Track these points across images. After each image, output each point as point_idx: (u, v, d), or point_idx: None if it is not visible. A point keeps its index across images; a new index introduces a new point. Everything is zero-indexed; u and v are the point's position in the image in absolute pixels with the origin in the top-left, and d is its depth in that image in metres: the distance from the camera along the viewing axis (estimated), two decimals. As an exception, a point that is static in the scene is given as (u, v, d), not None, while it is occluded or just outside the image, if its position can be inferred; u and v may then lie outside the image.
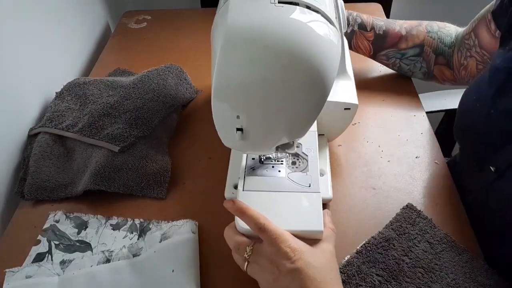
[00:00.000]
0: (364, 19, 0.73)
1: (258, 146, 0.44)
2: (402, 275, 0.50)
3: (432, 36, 0.71)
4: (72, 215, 0.61)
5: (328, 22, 0.40)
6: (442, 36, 0.71)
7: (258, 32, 0.36)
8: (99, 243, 0.58)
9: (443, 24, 0.72)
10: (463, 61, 0.68)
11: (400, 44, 0.72)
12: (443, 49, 0.70)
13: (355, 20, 0.72)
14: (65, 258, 0.56)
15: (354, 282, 0.50)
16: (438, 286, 0.49)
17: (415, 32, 0.71)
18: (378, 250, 0.53)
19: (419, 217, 0.56)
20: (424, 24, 0.72)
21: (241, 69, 0.37)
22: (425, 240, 0.53)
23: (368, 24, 0.72)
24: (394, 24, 0.73)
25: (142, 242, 0.56)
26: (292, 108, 0.40)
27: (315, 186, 0.51)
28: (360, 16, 0.74)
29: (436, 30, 0.71)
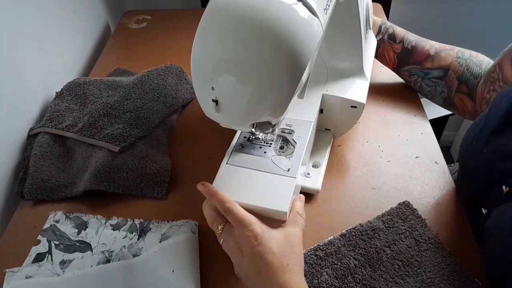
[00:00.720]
0: (396, 31, 0.72)
1: (233, 120, 0.46)
2: (379, 264, 0.51)
3: (460, 62, 0.68)
4: (72, 215, 0.61)
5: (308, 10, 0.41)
6: (471, 64, 0.67)
7: (235, 7, 0.39)
8: (99, 243, 0.58)
9: (476, 54, 0.69)
10: (486, 94, 0.64)
11: (426, 63, 0.70)
12: (468, 78, 0.67)
13: (387, 30, 0.72)
14: (65, 258, 0.56)
15: (330, 261, 0.52)
16: (412, 281, 0.50)
17: (443, 54, 0.69)
18: (362, 236, 0.54)
19: (412, 215, 0.57)
20: (456, 49, 0.69)
21: (215, 41, 0.40)
22: (412, 237, 0.54)
23: (398, 36, 0.71)
24: (425, 42, 0.71)
25: (142, 242, 0.56)
26: (262, 85, 0.41)
27: (293, 172, 0.52)
28: (393, 27, 0.73)
29: (467, 57, 0.68)
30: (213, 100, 0.43)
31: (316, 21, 0.42)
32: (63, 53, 0.88)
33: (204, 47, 0.41)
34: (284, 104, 0.44)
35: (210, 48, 0.40)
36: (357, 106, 0.62)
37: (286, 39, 0.39)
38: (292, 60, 0.40)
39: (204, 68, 0.42)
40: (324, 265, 0.51)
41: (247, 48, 0.39)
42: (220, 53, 0.40)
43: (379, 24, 0.74)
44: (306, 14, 0.41)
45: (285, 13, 0.39)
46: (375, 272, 0.50)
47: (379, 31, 0.72)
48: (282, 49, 0.39)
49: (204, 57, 0.41)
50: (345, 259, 0.52)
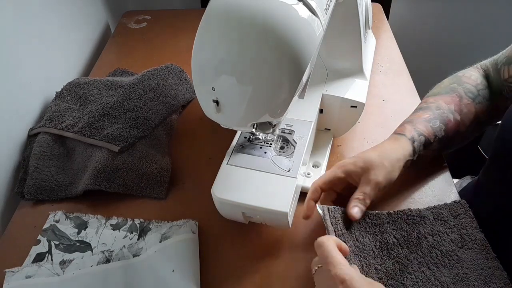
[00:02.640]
0: (426, 132, 0.58)
1: (233, 120, 0.46)
2: (417, 248, 0.51)
3: (479, 100, 0.62)
4: (72, 215, 0.61)
5: (308, 10, 0.41)
6: (483, 93, 0.62)
7: (236, 7, 0.39)
8: (99, 243, 0.58)
9: (471, 80, 0.63)
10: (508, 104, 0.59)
11: (460, 129, 0.61)
12: (491, 104, 0.62)
13: (420, 141, 0.57)
14: (65, 258, 0.56)
15: (372, 231, 0.52)
16: (446, 271, 0.49)
17: (465, 109, 0.60)
18: (408, 220, 0.54)
19: (465, 214, 0.55)
20: (462, 94, 0.61)
21: (216, 41, 0.40)
22: (459, 234, 0.53)
23: (431, 135, 0.58)
24: (445, 112, 0.59)
25: (142, 242, 0.56)
26: (263, 85, 0.41)
27: (294, 172, 0.53)
28: (421, 132, 0.57)
29: (476, 92, 0.61)
30: (214, 101, 0.43)
31: (316, 21, 0.42)
32: (63, 53, 0.88)
33: (205, 47, 0.41)
34: (285, 104, 0.44)
35: (210, 48, 0.40)
36: (357, 106, 0.62)
37: (286, 39, 0.39)
38: (293, 60, 0.40)
39: (204, 69, 0.42)
40: (367, 231, 0.52)
41: (248, 49, 0.39)
42: (221, 53, 0.40)
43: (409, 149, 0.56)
44: (307, 14, 0.41)
45: (286, 13, 0.39)
46: (411, 254, 0.50)
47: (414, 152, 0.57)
48: (282, 49, 0.39)
49: (205, 57, 0.41)
50: (386, 234, 0.52)
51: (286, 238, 0.57)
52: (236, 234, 0.58)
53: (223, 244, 0.57)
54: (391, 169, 0.53)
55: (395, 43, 0.94)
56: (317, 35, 0.42)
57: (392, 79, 0.83)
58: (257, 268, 0.54)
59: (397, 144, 0.55)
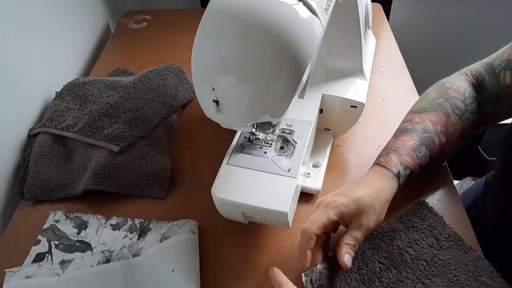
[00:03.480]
0: (411, 165, 0.55)
1: (233, 120, 0.46)
2: (404, 265, 0.50)
3: (466, 117, 0.59)
4: (72, 215, 0.61)
5: (308, 10, 0.41)
6: (471, 108, 0.60)
7: (236, 7, 0.39)
8: (99, 243, 0.58)
9: (459, 94, 0.60)
10: (506, 110, 0.59)
11: (445, 151, 0.59)
12: (479, 117, 0.60)
13: (405, 175, 0.55)
14: (65, 258, 0.56)
15: (356, 265, 0.51)
16: (439, 280, 0.49)
17: (451, 128, 0.58)
18: (384, 239, 0.53)
19: (429, 213, 0.56)
20: (449, 111, 0.59)
21: (216, 41, 0.40)
22: (433, 235, 0.53)
23: (416, 166, 0.56)
24: (431, 136, 0.57)
25: (142, 242, 0.56)
26: (263, 85, 0.41)
27: (294, 172, 0.52)
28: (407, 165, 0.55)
29: (464, 108, 0.59)
30: (214, 101, 0.43)
31: (316, 21, 0.42)
32: (63, 53, 0.88)
33: (205, 47, 0.41)
34: (285, 104, 0.44)
35: (210, 48, 0.40)
36: (357, 106, 0.62)
37: (286, 39, 0.39)
38: (293, 60, 0.40)
39: (204, 69, 0.42)
40: (351, 271, 0.50)
41: (248, 48, 0.39)
42: (221, 53, 0.40)
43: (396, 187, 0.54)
44: (307, 14, 0.41)
45: (286, 13, 0.39)
46: (401, 274, 0.50)
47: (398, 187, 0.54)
48: (282, 49, 0.39)
49: (205, 57, 0.41)
50: (370, 263, 0.51)
51: (286, 238, 0.57)
52: (236, 234, 0.58)
53: (223, 244, 0.57)
54: (381, 212, 0.51)
55: (395, 43, 0.94)
56: (317, 35, 0.42)
57: (392, 79, 0.83)
58: (257, 268, 0.54)
59: (385, 182, 0.53)
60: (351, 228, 0.50)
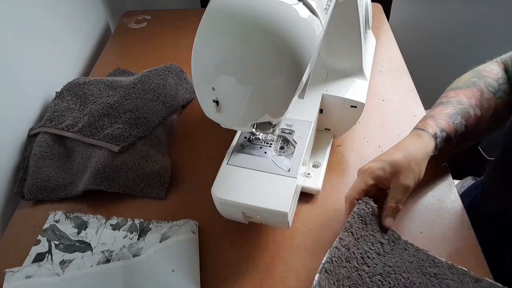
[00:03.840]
0: (447, 128, 0.57)
1: (233, 120, 0.46)
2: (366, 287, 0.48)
3: (499, 95, 0.61)
4: (72, 215, 0.61)
5: (308, 10, 0.41)
6: (504, 87, 0.62)
7: (236, 7, 0.39)
8: (99, 243, 0.58)
9: (492, 75, 0.62)
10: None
11: (480, 124, 0.60)
12: (511, 98, 0.62)
13: (442, 137, 0.57)
14: (65, 258, 0.56)
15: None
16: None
17: (486, 104, 0.60)
18: (343, 264, 0.49)
19: (372, 215, 0.53)
20: (483, 88, 0.61)
21: (216, 41, 0.40)
22: (377, 241, 0.52)
23: (452, 131, 0.57)
24: (466, 108, 0.59)
25: (142, 242, 0.56)
26: (263, 85, 0.41)
27: (294, 172, 0.52)
28: (443, 128, 0.57)
29: (497, 86, 0.61)
30: (214, 101, 0.43)
31: (316, 21, 0.42)
32: (63, 53, 0.88)
33: (205, 47, 0.41)
34: (285, 104, 0.44)
35: (210, 48, 0.40)
36: (357, 106, 0.62)
37: (286, 39, 0.39)
38: (293, 60, 0.40)
39: (204, 69, 0.42)
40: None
41: (248, 48, 0.39)
42: (221, 53, 0.40)
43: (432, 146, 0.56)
44: (307, 14, 0.41)
45: (286, 13, 0.39)
46: None
47: (436, 148, 0.56)
48: (282, 49, 0.39)
49: (205, 57, 0.41)
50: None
51: (286, 238, 0.57)
52: (236, 234, 0.58)
53: (223, 244, 0.57)
54: (419, 171, 0.54)
55: (395, 43, 0.94)
56: (317, 35, 0.42)
57: (392, 79, 0.83)
58: (257, 268, 0.54)
59: (420, 141, 0.55)
60: (391, 191, 0.53)
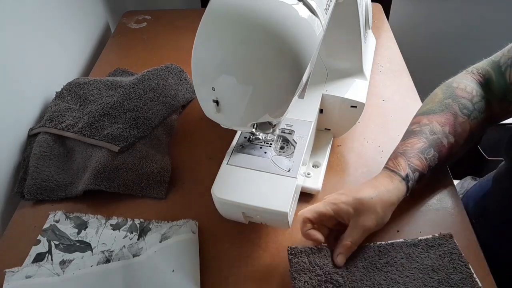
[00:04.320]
0: (420, 167, 0.55)
1: (233, 120, 0.46)
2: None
3: (474, 116, 0.59)
4: (72, 215, 0.61)
5: (308, 10, 0.41)
6: (479, 106, 0.59)
7: (236, 7, 0.39)
8: (99, 243, 0.58)
9: (466, 93, 0.60)
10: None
11: (454, 152, 0.58)
12: (486, 116, 0.60)
13: (414, 178, 0.54)
14: (65, 258, 0.56)
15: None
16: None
17: (459, 128, 0.58)
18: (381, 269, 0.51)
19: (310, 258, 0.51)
20: (457, 111, 0.58)
21: (216, 41, 0.40)
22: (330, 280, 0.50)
23: (425, 169, 0.55)
24: (439, 137, 0.57)
25: (143, 242, 0.56)
26: (263, 85, 0.41)
27: (294, 172, 0.52)
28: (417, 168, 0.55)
29: (472, 107, 0.58)
30: (214, 101, 0.43)
31: (316, 21, 0.42)
32: (63, 53, 0.88)
33: (205, 47, 0.41)
34: (285, 104, 0.44)
35: (210, 48, 0.40)
36: (357, 106, 0.62)
37: (286, 39, 0.39)
38: (293, 60, 0.40)
39: (204, 69, 0.42)
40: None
41: (248, 49, 0.39)
42: (221, 53, 0.40)
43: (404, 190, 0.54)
44: (307, 14, 0.41)
45: (286, 13, 0.39)
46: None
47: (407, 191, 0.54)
48: (282, 49, 0.39)
49: (205, 57, 0.41)
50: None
51: (286, 238, 0.57)
52: (236, 234, 0.58)
53: (223, 244, 0.57)
54: (383, 215, 0.51)
55: (395, 43, 0.94)
56: (317, 35, 0.42)
57: (392, 79, 0.83)
58: (257, 268, 0.54)
59: (391, 185, 0.53)
60: (350, 228, 0.51)
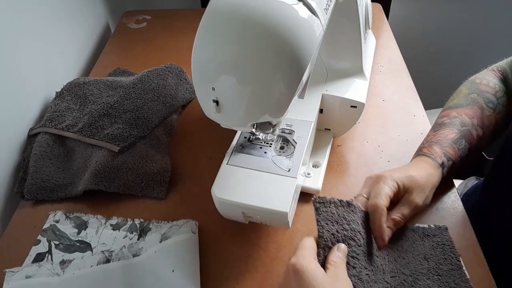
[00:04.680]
0: (454, 156, 0.57)
1: (233, 120, 0.46)
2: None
3: (498, 110, 0.61)
4: (72, 215, 0.61)
5: (308, 10, 0.41)
6: (502, 100, 0.61)
7: (236, 7, 0.39)
8: (99, 243, 0.58)
9: (490, 88, 0.62)
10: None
11: (481, 143, 0.60)
12: (508, 110, 0.62)
13: (448, 166, 0.57)
14: (65, 258, 0.56)
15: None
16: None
17: (486, 121, 0.60)
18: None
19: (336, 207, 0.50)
20: (483, 105, 0.61)
21: (216, 42, 0.40)
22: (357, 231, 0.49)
23: (457, 157, 0.57)
24: (469, 129, 0.59)
25: (142, 242, 0.56)
26: (263, 85, 0.41)
27: (294, 172, 0.52)
28: (451, 157, 0.57)
29: (496, 101, 0.61)
30: (214, 101, 0.43)
31: (316, 21, 0.42)
32: (63, 53, 0.88)
33: (205, 47, 0.41)
34: (285, 104, 0.44)
35: (210, 48, 0.40)
36: (357, 106, 0.62)
37: (286, 39, 0.39)
38: (293, 60, 0.40)
39: (204, 69, 0.42)
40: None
41: (248, 49, 0.39)
42: (221, 53, 0.40)
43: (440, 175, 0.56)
44: (307, 14, 0.41)
45: (286, 13, 0.39)
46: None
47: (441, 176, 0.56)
48: (282, 49, 0.39)
49: (205, 57, 0.41)
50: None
51: (286, 238, 0.57)
52: (236, 234, 0.58)
53: (223, 244, 0.57)
54: (429, 195, 0.54)
55: (395, 43, 0.94)
56: (317, 35, 0.42)
57: (392, 79, 0.83)
58: (257, 268, 0.54)
59: (432, 169, 0.55)
60: (400, 204, 0.52)
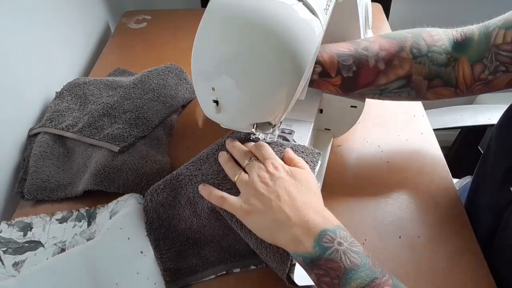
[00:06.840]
0: (326, 64, 0.54)
1: (233, 120, 0.46)
2: None
3: (421, 61, 0.55)
4: (14, 221, 0.59)
5: (308, 10, 0.41)
6: (434, 57, 0.55)
7: (236, 7, 0.39)
8: (49, 238, 0.57)
9: (431, 39, 0.56)
10: (486, 76, 0.53)
11: (379, 80, 0.56)
12: (438, 71, 0.55)
13: (314, 70, 0.54)
14: (17, 260, 0.54)
15: None
16: None
17: (397, 61, 0.54)
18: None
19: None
20: (407, 46, 0.55)
21: (216, 42, 0.40)
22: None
23: (332, 69, 0.54)
24: (368, 56, 0.55)
25: (95, 226, 0.56)
26: (263, 86, 0.41)
27: None
28: (320, 60, 0.54)
29: (425, 51, 0.55)
30: (214, 101, 0.43)
31: (316, 21, 0.42)
32: (63, 53, 0.88)
33: (205, 47, 0.41)
34: (285, 104, 0.44)
35: (210, 48, 0.40)
36: (357, 106, 0.61)
37: (286, 39, 0.39)
38: (293, 60, 0.40)
39: (204, 69, 0.42)
40: None
41: (248, 49, 0.39)
42: (221, 53, 0.40)
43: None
44: (307, 14, 0.41)
45: (286, 13, 0.39)
46: None
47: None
48: (282, 50, 0.39)
49: (205, 57, 0.41)
50: None
51: (286, 238, 0.57)
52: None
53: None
54: None
55: (395, 43, 0.94)
56: (317, 35, 0.42)
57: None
58: (256, 268, 0.54)
59: None
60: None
